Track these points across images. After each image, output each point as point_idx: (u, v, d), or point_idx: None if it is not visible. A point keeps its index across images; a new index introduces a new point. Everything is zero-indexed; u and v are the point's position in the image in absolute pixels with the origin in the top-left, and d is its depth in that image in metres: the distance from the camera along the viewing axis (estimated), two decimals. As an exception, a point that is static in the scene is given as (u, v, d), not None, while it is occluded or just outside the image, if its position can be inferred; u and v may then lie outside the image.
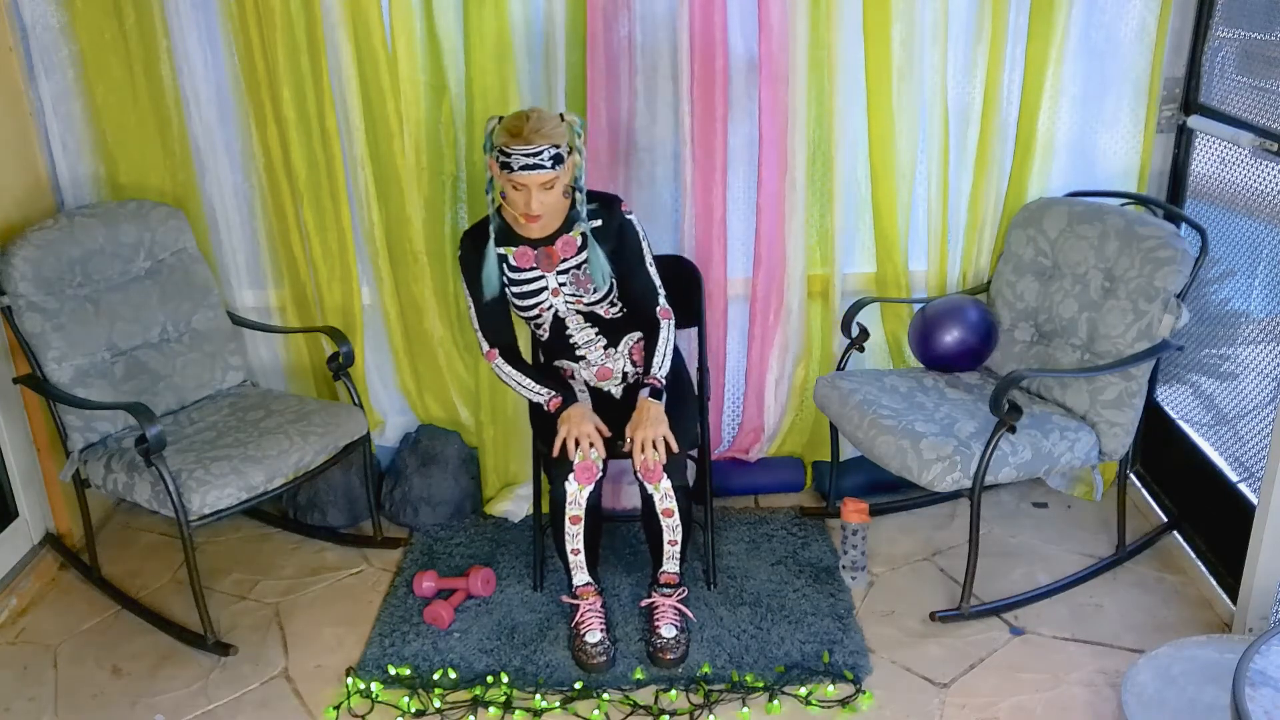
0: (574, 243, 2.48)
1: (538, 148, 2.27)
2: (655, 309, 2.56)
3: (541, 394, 2.50)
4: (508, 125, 2.31)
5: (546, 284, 2.51)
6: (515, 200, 2.35)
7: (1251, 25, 2.68)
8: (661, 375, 2.51)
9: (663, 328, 2.55)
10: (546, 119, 2.31)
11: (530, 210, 2.33)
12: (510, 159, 2.28)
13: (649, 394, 2.45)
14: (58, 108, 2.90)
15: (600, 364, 2.62)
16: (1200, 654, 2.15)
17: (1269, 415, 2.49)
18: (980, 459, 2.42)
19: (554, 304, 2.53)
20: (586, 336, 2.59)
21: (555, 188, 2.33)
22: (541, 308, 2.53)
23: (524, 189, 2.31)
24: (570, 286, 2.51)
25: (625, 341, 2.63)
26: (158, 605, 2.77)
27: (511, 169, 2.29)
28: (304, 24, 2.75)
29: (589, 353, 2.61)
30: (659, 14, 2.80)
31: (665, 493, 2.44)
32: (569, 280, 2.50)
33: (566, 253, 2.48)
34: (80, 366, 2.66)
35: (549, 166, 2.28)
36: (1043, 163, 2.92)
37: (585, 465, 2.40)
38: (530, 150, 2.27)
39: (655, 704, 2.37)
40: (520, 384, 2.53)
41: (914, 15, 2.75)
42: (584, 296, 2.52)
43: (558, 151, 2.29)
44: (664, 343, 2.54)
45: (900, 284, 3.02)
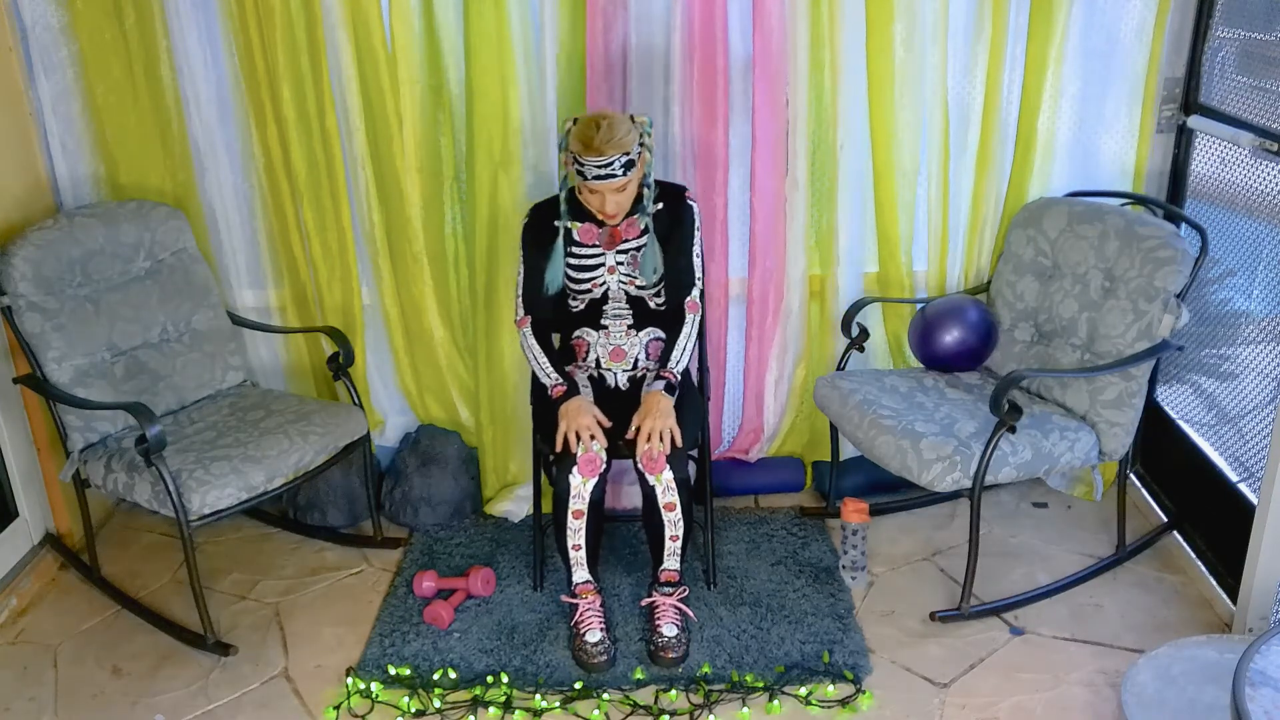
0: (638, 225, 2.58)
1: (609, 159, 2.38)
2: (685, 298, 2.60)
3: (551, 376, 2.53)
4: (580, 134, 2.41)
5: (605, 261, 2.59)
6: (591, 201, 2.48)
7: (1251, 25, 2.68)
8: (678, 370, 2.54)
9: (687, 321, 2.59)
10: (617, 126, 2.40)
11: (606, 211, 2.47)
12: (584, 169, 2.40)
13: (663, 387, 2.47)
14: (57, 108, 2.90)
15: (618, 344, 2.65)
16: (1200, 654, 2.15)
17: (1269, 415, 2.49)
18: (980, 459, 2.42)
19: (607, 281, 2.60)
20: (618, 310, 2.64)
21: (628, 189, 2.46)
22: (594, 283, 2.61)
23: (599, 193, 2.44)
24: (626, 267, 2.60)
25: (648, 331, 2.66)
26: (158, 605, 2.77)
27: (585, 178, 2.41)
28: (304, 24, 2.75)
29: (613, 324, 2.65)
30: (658, 14, 2.79)
31: (667, 485, 2.44)
32: (627, 261, 2.59)
33: (629, 234, 2.58)
34: (80, 366, 2.66)
35: (621, 174, 2.40)
36: (1043, 162, 2.92)
37: (589, 458, 2.40)
38: (602, 161, 2.38)
39: (655, 704, 2.37)
40: (536, 359, 2.57)
41: (914, 14, 2.75)
42: (636, 279, 2.60)
43: (629, 159, 2.40)
44: (685, 337, 2.59)
45: (902, 284, 3.02)
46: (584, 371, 2.67)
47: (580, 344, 2.68)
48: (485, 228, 2.91)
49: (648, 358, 2.66)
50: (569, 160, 2.45)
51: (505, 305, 2.97)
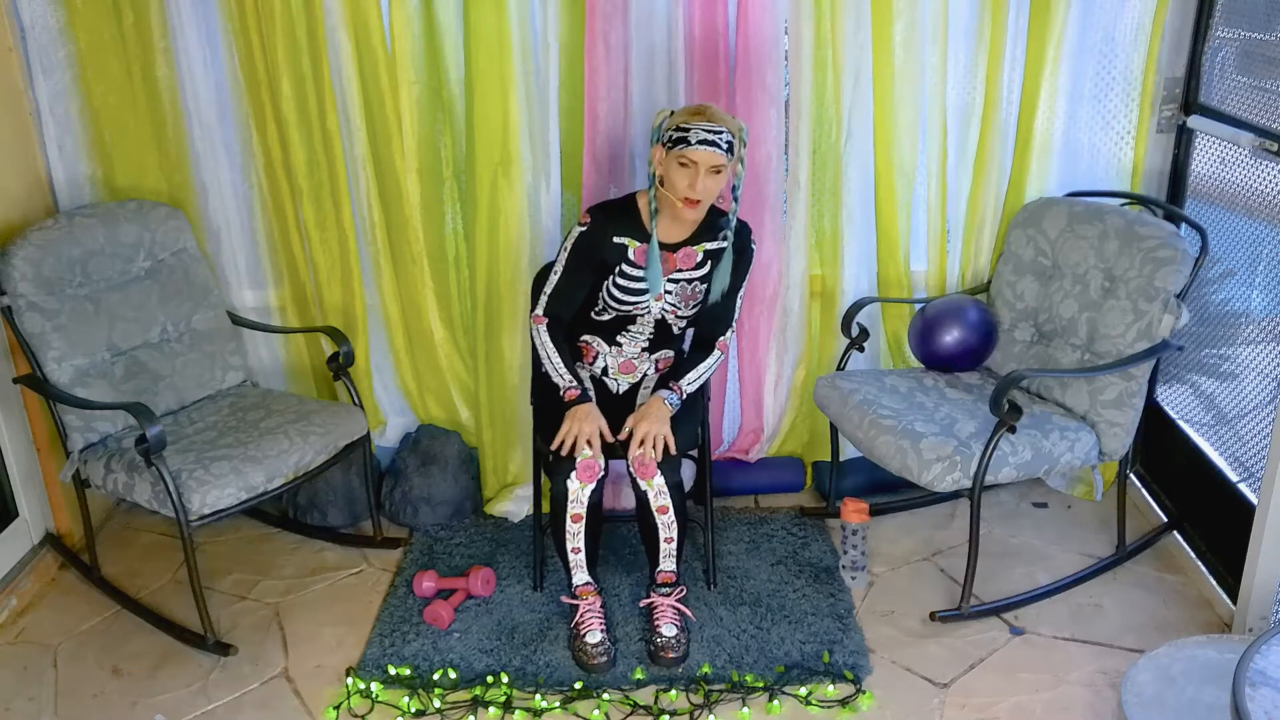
0: (694, 257, 2.51)
1: (719, 128, 2.32)
2: (719, 337, 2.59)
3: (565, 378, 2.49)
4: (690, 108, 2.38)
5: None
6: (678, 181, 2.35)
7: (1251, 25, 2.68)
8: (688, 388, 2.53)
9: (714, 355, 2.59)
10: (721, 110, 2.38)
11: (694, 191, 2.34)
12: (689, 133, 2.31)
13: (666, 395, 2.47)
14: (54, 108, 2.89)
15: (630, 357, 2.64)
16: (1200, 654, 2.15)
17: (1269, 415, 2.49)
18: (980, 459, 2.42)
19: (651, 307, 2.55)
20: (640, 330, 2.61)
21: (719, 176, 2.36)
22: (638, 306, 2.55)
23: (692, 167, 2.33)
24: (674, 296, 2.54)
25: (661, 352, 2.66)
26: (158, 605, 2.77)
27: (689, 142, 2.31)
28: (304, 24, 2.75)
29: (628, 344, 2.62)
30: (657, 15, 2.79)
31: (659, 489, 2.44)
32: (676, 290, 2.53)
33: (685, 264, 2.51)
34: (80, 366, 2.65)
35: (724, 149, 2.32)
36: (1042, 162, 2.92)
37: (587, 464, 2.40)
38: (713, 128, 2.31)
39: (655, 704, 2.37)
40: (550, 358, 2.52)
41: (914, 15, 2.75)
42: (681, 309, 2.55)
43: (732, 141, 2.34)
44: (707, 367, 2.58)
45: (902, 284, 3.02)
46: (587, 372, 2.67)
47: (588, 349, 2.67)
48: (485, 228, 2.90)
49: (655, 372, 2.66)
50: (663, 144, 2.36)
51: (506, 305, 2.97)
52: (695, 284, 2.54)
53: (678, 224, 2.49)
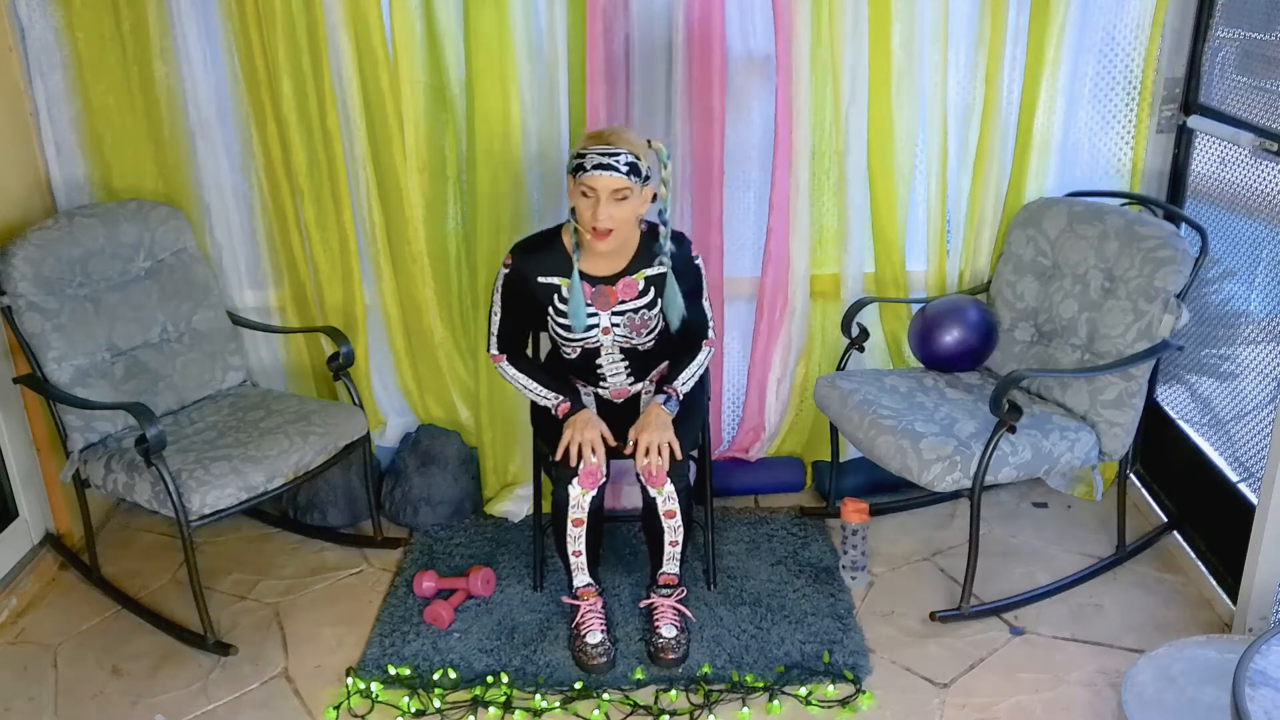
0: (635, 286, 2.42)
1: (615, 149, 2.21)
2: (702, 339, 2.56)
3: (550, 399, 2.48)
4: (591, 132, 2.29)
5: (599, 322, 2.45)
6: (583, 213, 2.25)
7: (1251, 25, 2.68)
8: (683, 389, 2.50)
9: (702, 351, 2.55)
10: (630, 132, 2.29)
11: (597, 220, 2.22)
12: (585, 159, 2.22)
13: (663, 400, 2.45)
14: (53, 109, 2.89)
15: (620, 387, 2.61)
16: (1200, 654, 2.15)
17: (1269, 415, 2.49)
18: (980, 459, 2.42)
19: (601, 341, 2.49)
20: (615, 368, 2.56)
21: (628, 202, 2.24)
22: (587, 342, 2.48)
23: (593, 196, 2.22)
24: (623, 329, 2.46)
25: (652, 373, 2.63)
26: (158, 605, 2.77)
27: (585, 168, 2.21)
28: (304, 24, 2.75)
29: (612, 381, 2.59)
30: (658, 15, 2.80)
31: (668, 495, 2.44)
32: (623, 323, 2.45)
33: (627, 295, 2.43)
34: (80, 366, 2.65)
35: (623, 171, 2.20)
36: (1042, 162, 2.92)
37: (589, 470, 2.39)
38: (607, 150, 2.21)
39: (655, 704, 2.37)
40: (526, 387, 2.51)
41: (914, 15, 2.75)
42: (634, 339, 2.48)
43: (635, 162, 2.22)
44: (698, 364, 2.55)
45: (898, 283, 3.02)
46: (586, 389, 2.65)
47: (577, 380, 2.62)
48: (486, 227, 2.90)
49: (651, 383, 2.65)
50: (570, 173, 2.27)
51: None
52: (643, 313, 2.45)
53: (604, 255, 2.38)
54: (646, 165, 2.27)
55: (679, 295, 2.43)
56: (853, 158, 2.89)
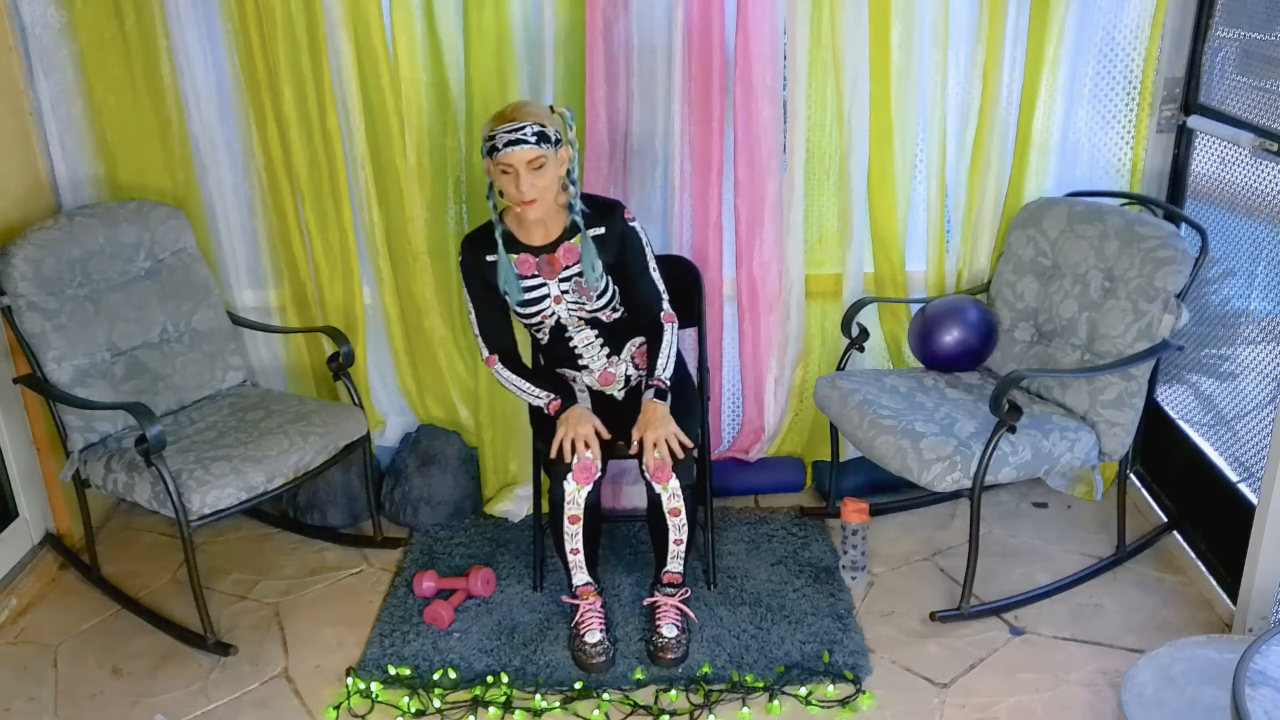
0: (575, 250, 2.48)
1: (520, 124, 2.28)
2: (659, 314, 2.56)
3: (541, 397, 2.51)
4: (495, 113, 2.35)
5: (549, 291, 2.51)
6: (508, 189, 2.34)
7: (1251, 25, 2.68)
8: (665, 377, 2.51)
9: (666, 330, 2.55)
10: (531, 103, 2.36)
11: (522, 193, 2.31)
12: (495, 139, 2.29)
13: (654, 395, 2.46)
14: (56, 108, 2.90)
15: (602, 369, 2.62)
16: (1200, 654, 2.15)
17: (1269, 415, 2.49)
18: (980, 459, 2.42)
19: (556, 311, 2.53)
20: (587, 340, 2.58)
21: (545, 169, 2.32)
22: (544, 315, 2.53)
23: (512, 172, 2.30)
24: (573, 294, 2.51)
25: (628, 347, 2.63)
26: (158, 605, 2.77)
27: (497, 149, 2.29)
28: (304, 24, 2.75)
29: (591, 360, 2.61)
30: (657, 15, 2.80)
31: (674, 492, 2.44)
32: (571, 288, 2.50)
33: (569, 260, 2.49)
34: (80, 366, 2.65)
35: (533, 142, 2.28)
36: (1042, 162, 2.92)
37: (584, 465, 2.40)
38: (513, 127, 2.28)
39: (655, 704, 2.37)
40: (520, 388, 2.54)
41: (913, 15, 2.75)
42: (586, 304, 2.52)
43: (542, 130, 2.30)
44: (668, 345, 2.55)
45: (897, 283, 3.03)
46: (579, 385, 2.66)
47: (567, 376, 2.66)
48: (485, 228, 2.91)
49: (638, 368, 2.65)
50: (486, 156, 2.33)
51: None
52: (587, 278, 2.49)
53: (542, 224, 2.47)
54: (554, 130, 2.34)
55: (594, 252, 2.46)
56: (853, 158, 2.89)
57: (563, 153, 2.37)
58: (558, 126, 2.36)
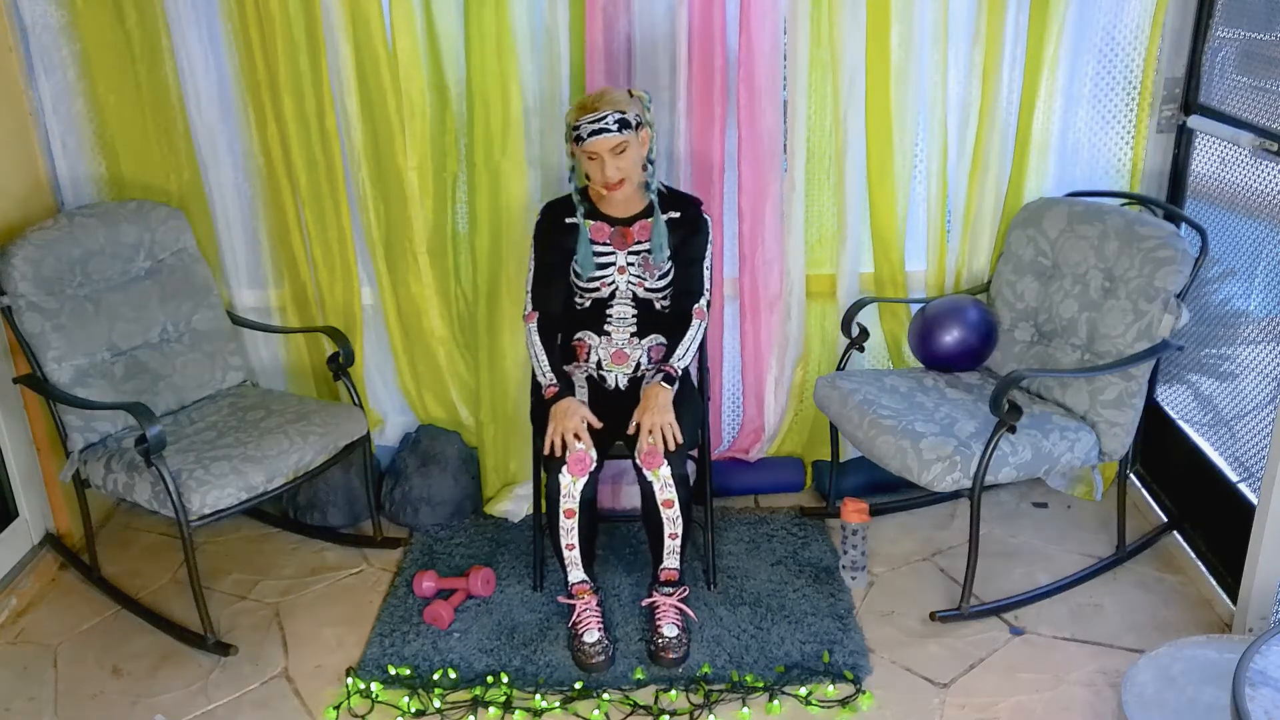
0: (649, 228, 2.60)
1: (602, 114, 2.41)
2: (693, 305, 2.60)
3: (548, 376, 2.51)
4: (576, 104, 2.49)
5: (615, 261, 2.59)
6: (594, 173, 2.47)
7: (1251, 25, 2.68)
8: (679, 366, 2.54)
9: (694, 324, 2.60)
10: (612, 91, 2.50)
11: (608, 177, 2.45)
12: (579, 129, 2.43)
13: (662, 378, 2.47)
14: (57, 107, 2.90)
15: (620, 346, 2.64)
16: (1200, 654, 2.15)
17: (1269, 415, 2.49)
18: (980, 459, 2.42)
19: (617, 281, 2.60)
20: (623, 315, 2.63)
21: (628, 153, 2.44)
22: (604, 283, 2.61)
23: (597, 158, 2.44)
24: (637, 268, 2.60)
25: (651, 338, 2.65)
26: (158, 605, 2.77)
27: (582, 139, 2.43)
28: (303, 24, 2.75)
29: (615, 331, 2.64)
30: (658, 14, 2.80)
31: (665, 481, 2.44)
32: (638, 262, 2.60)
33: (641, 236, 2.60)
34: (80, 366, 2.65)
35: (615, 130, 2.41)
36: (1042, 162, 2.92)
37: (578, 457, 2.40)
38: (596, 117, 2.41)
39: (655, 704, 2.37)
40: (537, 356, 2.56)
41: (913, 15, 2.75)
42: (646, 280, 2.60)
43: (623, 117, 2.42)
44: (691, 339, 2.59)
45: (897, 282, 3.03)
46: (583, 371, 2.66)
47: (581, 345, 2.67)
48: (487, 225, 2.91)
49: (650, 361, 2.66)
50: (571, 142, 2.47)
51: (508, 303, 2.97)
52: (655, 255, 2.59)
53: (624, 200, 2.58)
54: (635, 114, 2.45)
55: (665, 234, 2.57)
56: (851, 157, 2.89)
57: (643, 134, 2.49)
58: (638, 110, 2.47)
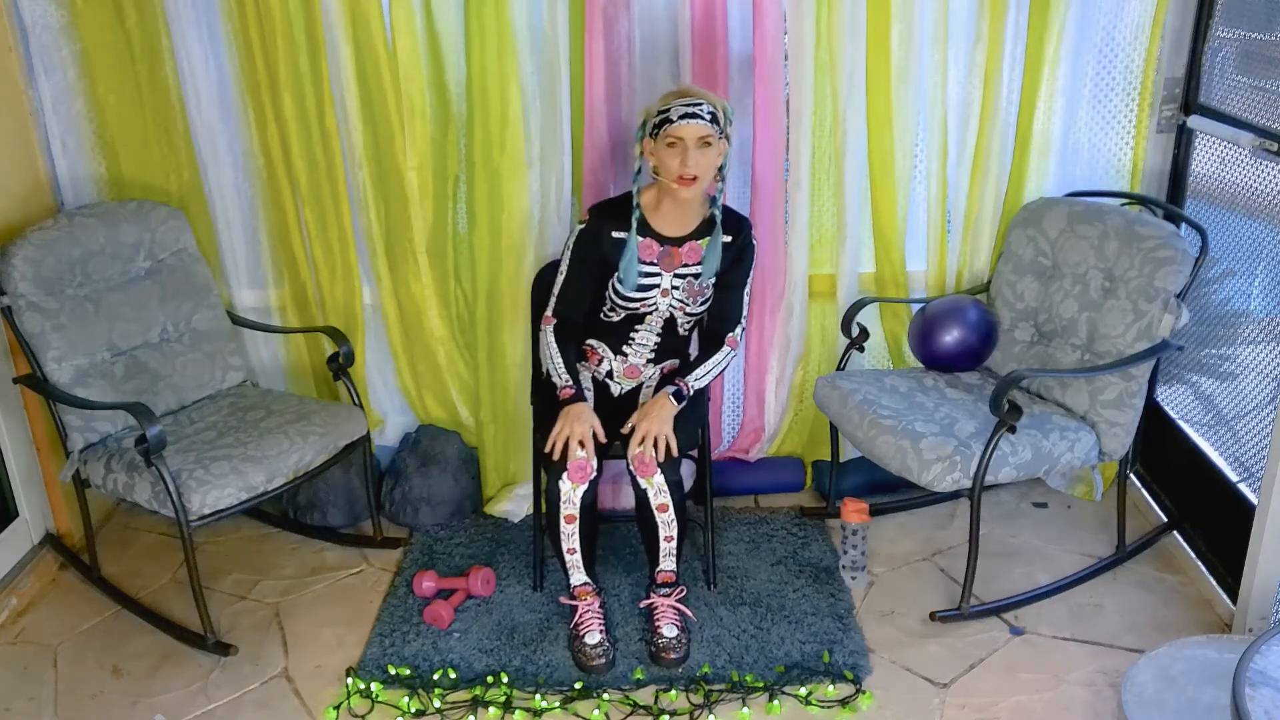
0: (699, 251, 2.52)
1: (698, 101, 2.36)
2: (728, 332, 2.58)
3: (564, 377, 2.49)
4: (667, 93, 2.42)
5: (660, 283, 2.53)
6: (669, 162, 2.37)
7: (1251, 25, 2.68)
8: (695, 385, 2.52)
9: (724, 351, 2.58)
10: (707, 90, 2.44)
11: (685, 168, 2.35)
12: (670, 111, 2.35)
13: (672, 393, 2.46)
14: (57, 107, 2.90)
15: (637, 364, 2.63)
16: (1200, 654, 2.15)
17: (1269, 415, 2.49)
18: (980, 459, 2.42)
19: (659, 303, 2.55)
20: (645, 340, 2.60)
21: (710, 150, 2.38)
22: (644, 303, 2.55)
23: (679, 144, 2.35)
24: (681, 292, 2.54)
25: (668, 361, 2.65)
26: (158, 605, 2.77)
27: (671, 120, 2.34)
28: (303, 23, 2.75)
29: (633, 353, 2.62)
30: (659, 13, 2.80)
31: (659, 488, 2.44)
32: (683, 286, 2.53)
33: (690, 258, 2.52)
34: (80, 366, 2.65)
35: (707, 119, 2.35)
36: (1042, 162, 2.92)
37: (579, 464, 2.39)
38: (691, 101, 2.35)
39: (655, 704, 2.37)
40: (553, 358, 2.52)
41: (913, 15, 2.74)
42: (689, 305, 2.55)
43: (715, 113, 2.37)
44: (716, 364, 2.57)
45: (898, 283, 3.03)
46: (588, 373, 2.66)
47: (594, 353, 2.66)
48: (487, 224, 2.90)
49: (663, 374, 2.65)
50: (649, 132, 2.40)
51: (508, 303, 2.97)
52: (703, 279, 2.54)
53: (679, 215, 2.50)
54: (724, 118, 2.40)
55: (719, 253, 2.51)
56: (852, 157, 2.89)
57: (723, 144, 2.43)
58: (724, 117, 2.41)
